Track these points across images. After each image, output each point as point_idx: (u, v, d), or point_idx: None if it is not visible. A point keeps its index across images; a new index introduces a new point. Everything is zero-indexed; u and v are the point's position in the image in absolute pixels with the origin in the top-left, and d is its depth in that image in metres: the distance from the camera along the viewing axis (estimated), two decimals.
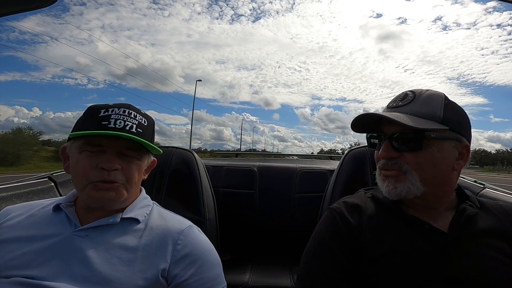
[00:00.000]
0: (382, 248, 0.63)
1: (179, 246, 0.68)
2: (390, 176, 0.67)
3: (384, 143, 0.68)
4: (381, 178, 0.69)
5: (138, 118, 0.71)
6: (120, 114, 0.68)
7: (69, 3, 64.55)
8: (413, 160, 0.65)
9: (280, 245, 1.64)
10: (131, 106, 0.72)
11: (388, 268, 0.61)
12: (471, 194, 0.72)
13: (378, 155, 0.70)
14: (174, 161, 1.30)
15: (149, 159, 0.76)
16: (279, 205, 1.66)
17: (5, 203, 1.01)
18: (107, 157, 0.66)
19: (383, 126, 0.70)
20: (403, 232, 0.64)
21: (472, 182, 1.25)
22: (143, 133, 0.69)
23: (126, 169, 0.68)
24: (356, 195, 0.79)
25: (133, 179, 0.69)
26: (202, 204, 1.24)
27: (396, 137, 0.66)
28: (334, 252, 0.66)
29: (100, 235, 0.67)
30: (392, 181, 0.66)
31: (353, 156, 1.25)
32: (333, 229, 0.69)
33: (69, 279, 0.61)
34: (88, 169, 0.65)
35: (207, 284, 0.68)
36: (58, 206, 0.71)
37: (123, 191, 0.68)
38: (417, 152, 0.64)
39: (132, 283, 0.62)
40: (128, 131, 0.67)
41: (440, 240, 0.62)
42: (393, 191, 0.66)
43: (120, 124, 0.67)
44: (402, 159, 0.66)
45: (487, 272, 0.58)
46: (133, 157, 0.69)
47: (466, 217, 0.65)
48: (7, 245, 0.66)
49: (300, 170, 1.73)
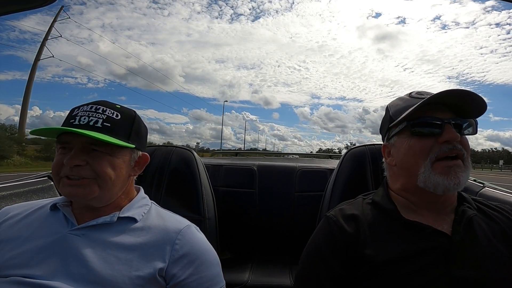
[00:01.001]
0: (385, 255, 0.62)
1: (177, 246, 0.68)
2: (454, 165, 0.64)
3: (446, 126, 0.65)
4: (437, 171, 0.64)
5: (108, 113, 0.69)
6: (86, 110, 0.68)
7: (69, 2, 64.34)
8: (467, 145, 0.66)
9: (279, 244, 1.64)
10: (101, 102, 0.71)
11: (393, 274, 0.60)
12: (467, 196, 0.72)
13: (430, 143, 0.65)
14: (174, 160, 1.30)
15: (133, 154, 0.74)
16: (279, 204, 1.66)
17: (5, 202, 1.01)
18: (71, 154, 0.66)
19: (431, 111, 0.67)
20: (406, 238, 0.63)
21: (472, 181, 1.25)
22: (111, 128, 0.68)
23: (94, 165, 0.66)
24: (354, 202, 0.76)
25: (104, 174, 0.67)
26: (201, 203, 1.24)
27: (459, 120, 0.66)
28: (328, 262, 0.65)
29: (97, 234, 0.67)
30: (458, 171, 0.63)
31: (352, 155, 1.25)
32: (328, 238, 0.68)
33: (67, 278, 0.61)
34: (57, 166, 0.67)
35: (206, 284, 0.68)
36: (55, 206, 0.71)
37: (93, 187, 0.66)
38: (469, 137, 0.67)
39: (129, 282, 0.62)
40: (91, 127, 0.66)
41: (444, 243, 0.62)
42: (462, 181, 0.64)
43: (84, 120, 0.67)
44: (460, 144, 0.65)
45: (492, 273, 0.58)
46: (103, 152, 0.67)
47: (467, 219, 0.65)
48: (5, 245, 0.66)
49: (300, 169, 1.73)
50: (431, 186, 0.64)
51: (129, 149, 0.73)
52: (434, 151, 0.64)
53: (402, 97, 0.75)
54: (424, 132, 0.66)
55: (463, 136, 0.66)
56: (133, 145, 0.72)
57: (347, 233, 0.66)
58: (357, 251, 0.64)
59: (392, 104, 0.76)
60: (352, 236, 0.66)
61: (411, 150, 0.68)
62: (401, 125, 0.70)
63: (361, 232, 0.66)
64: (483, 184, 1.20)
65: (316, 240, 0.71)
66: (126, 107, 0.75)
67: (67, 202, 0.72)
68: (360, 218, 0.68)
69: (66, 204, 0.71)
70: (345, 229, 0.67)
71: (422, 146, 0.66)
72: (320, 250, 0.68)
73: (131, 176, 0.75)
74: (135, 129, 0.74)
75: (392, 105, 0.75)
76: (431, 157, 0.64)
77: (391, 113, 0.74)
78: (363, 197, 0.78)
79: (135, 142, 0.73)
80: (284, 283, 1.30)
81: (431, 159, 0.64)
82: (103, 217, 0.68)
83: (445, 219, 0.66)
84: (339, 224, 0.68)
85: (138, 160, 0.76)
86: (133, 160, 0.74)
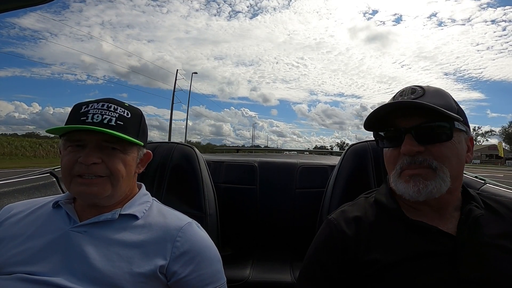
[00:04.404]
0: (390, 257, 0.60)
1: (178, 243, 0.68)
2: (416, 174, 0.61)
3: (406, 136, 0.61)
4: (403, 180, 0.63)
5: (119, 111, 0.70)
6: (98, 108, 0.68)
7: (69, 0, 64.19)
8: (441, 153, 0.61)
9: (280, 240, 1.65)
10: (111, 100, 0.72)
11: (398, 276, 0.59)
12: (475, 193, 0.70)
13: (396, 153, 0.64)
14: (175, 157, 1.30)
15: (140, 151, 0.75)
16: (280, 201, 1.66)
17: (7, 199, 1.01)
18: (86, 151, 0.66)
19: (398, 119, 0.64)
20: (410, 239, 0.62)
21: (473, 177, 1.24)
22: (124, 126, 0.69)
23: (109, 162, 0.67)
24: (356, 202, 0.74)
25: (118, 172, 0.68)
26: (203, 199, 1.25)
27: (423, 127, 0.61)
28: (326, 266, 0.64)
29: (99, 231, 0.67)
30: (421, 180, 0.61)
31: (354, 151, 1.24)
32: (328, 243, 0.67)
33: (69, 275, 0.62)
34: (70, 164, 0.66)
35: (207, 280, 0.69)
36: (57, 203, 0.72)
37: (107, 185, 0.67)
38: (445, 143, 0.61)
39: (130, 279, 0.63)
40: (106, 125, 0.66)
41: (449, 243, 0.60)
42: (424, 190, 0.60)
43: (98, 118, 0.67)
44: (427, 154, 0.61)
45: (499, 273, 0.57)
46: (116, 150, 0.68)
47: (473, 219, 0.63)
48: (8, 242, 0.67)
49: (300, 166, 1.72)
50: (402, 194, 0.64)
51: (137, 147, 0.74)
52: (398, 163, 0.64)
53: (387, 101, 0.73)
54: (389, 143, 0.66)
55: (434, 144, 0.61)
56: (142, 143, 0.74)
57: (349, 237, 0.65)
58: (358, 255, 0.63)
59: None
60: (354, 240, 0.65)
61: (386, 158, 0.68)
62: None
63: (364, 235, 0.65)
64: (485, 180, 1.20)
65: (316, 244, 0.70)
66: (132, 105, 0.76)
67: (69, 200, 0.73)
68: (363, 220, 0.67)
69: (68, 202, 0.72)
70: (346, 233, 0.66)
71: (390, 156, 0.66)
72: (319, 255, 0.67)
73: (135, 173, 0.76)
74: (142, 127, 0.75)
75: None
76: (397, 169, 0.64)
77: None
78: (365, 196, 0.76)
79: (142, 139, 0.74)
80: (285, 279, 1.30)
81: (397, 170, 0.64)
82: (104, 214, 0.69)
83: (450, 218, 0.65)
84: (340, 228, 0.67)
85: (142, 158, 0.77)
86: (139, 157, 0.76)
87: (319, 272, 0.65)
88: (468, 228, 0.62)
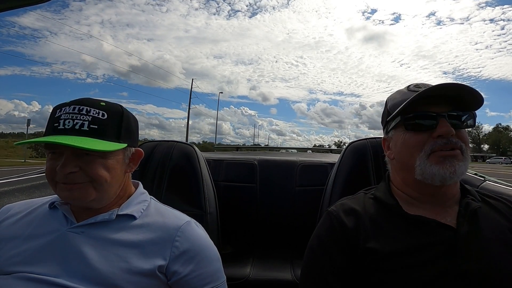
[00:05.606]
0: (389, 248, 0.61)
1: (177, 242, 0.68)
2: (451, 156, 0.63)
3: (441, 120, 0.64)
4: (433, 161, 0.63)
5: (93, 113, 0.65)
6: (69, 112, 0.64)
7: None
8: (466, 138, 0.65)
9: (281, 238, 1.65)
10: (83, 101, 0.66)
11: (397, 267, 0.60)
12: (471, 188, 0.72)
13: (425, 136, 0.65)
14: (175, 155, 1.30)
15: (126, 152, 0.71)
16: (280, 199, 1.66)
17: (8, 198, 1.02)
18: (63, 161, 0.63)
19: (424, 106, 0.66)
20: (409, 232, 0.63)
21: (473, 175, 1.25)
22: (99, 129, 0.65)
23: (87, 169, 0.64)
24: (356, 196, 0.76)
25: (99, 177, 0.65)
26: (203, 197, 1.25)
27: (454, 113, 0.66)
28: (331, 254, 0.65)
29: (96, 232, 0.67)
30: (455, 161, 0.63)
31: (354, 149, 1.24)
32: (330, 232, 0.68)
33: (68, 276, 0.61)
34: (51, 171, 0.64)
35: (207, 279, 0.69)
36: (54, 204, 0.71)
37: (89, 190, 0.65)
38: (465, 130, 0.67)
39: (129, 279, 0.62)
40: (77, 131, 0.63)
41: (449, 235, 0.61)
42: (459, 170, 0.62)
43: (69, 124, 0.63)
44: (457, 137, 0.65)
45: (498, 266, 0.58)
46: (94, 156, 0.65)
47: (471, 211, 0.64)
48: (7, 243, 0.66)
49: (300, 164, 1.73)
50: (429, 178, 0.64)
51: (122, 148, 0.70)
52: (429, 145, 0.64)
53: (400, 90, 0.75)
54: (418, 127, 0.66)
55: (461, 130, 0.66)
56: (124, 144, 0.68)
57: (348, 227, 0.66)
58: (359, 245, 0.64)
59: (390, 98, 0.76)
60: (353, 230, 0.66)
61: (406, 144, 0.68)
62: (397, 119, 0.70)
63: (362, 227, 0.66)
64: (484, 177, 1.20)
65: (318, 234, 0.71)
66: (111, 102, 0.71)
67: None
68: (361, 213, 0.68)
69: (64, 202, 0.71)
70: (345, 224, 0.67)
71: (416, 140, 0.66)
72: (323, 243, 0.68)
73: (127, 173, 0.74)
74: (125, 126, 0.70)
75: (390, 99, 0.76)
76: (426, 151, 0.64)
77: (388, 106, 0.74)
78: (365, 192, 0.77)
79: (126, 140, 0.70)
80: (285, 278, 1.30)
81: (426, 152, 0.64)
82: (101, 215, 0.68)
83: (448, 211, 0.66)
84: (339, 219, 0.68)
85: (132, 157, 0.73)
86: (127, 158, 0.72)
87: (325, 260, 0.66)
88: (467, 220, 0.63)
